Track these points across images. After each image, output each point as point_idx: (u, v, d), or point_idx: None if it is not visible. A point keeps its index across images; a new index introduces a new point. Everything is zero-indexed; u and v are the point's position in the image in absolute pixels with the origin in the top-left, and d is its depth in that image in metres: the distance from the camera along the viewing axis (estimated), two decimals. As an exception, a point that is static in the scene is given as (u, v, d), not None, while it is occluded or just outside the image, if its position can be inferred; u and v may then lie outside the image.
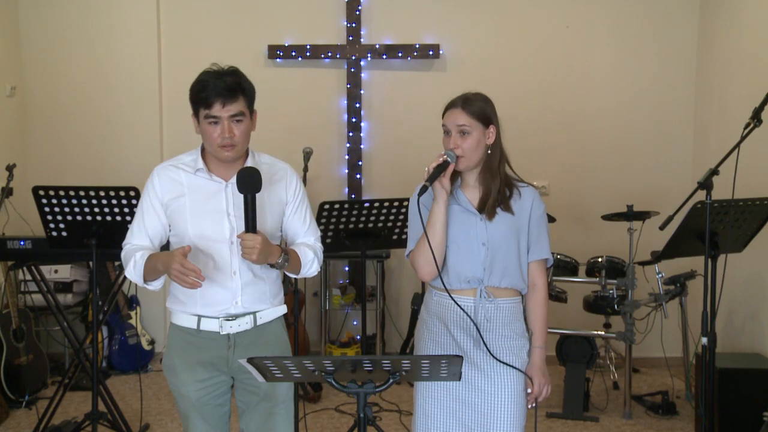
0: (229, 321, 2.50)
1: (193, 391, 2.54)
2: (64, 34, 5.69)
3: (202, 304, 2.50)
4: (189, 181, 2.50)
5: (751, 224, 3.60)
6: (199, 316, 2.51)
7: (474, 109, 2.50)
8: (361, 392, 2.03)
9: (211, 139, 2.42)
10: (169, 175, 2.52)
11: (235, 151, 2.44)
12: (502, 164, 2.55)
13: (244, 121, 2.44)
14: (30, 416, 4.53)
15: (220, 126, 2.40)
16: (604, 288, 4.84)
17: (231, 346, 2.52)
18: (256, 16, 5.74)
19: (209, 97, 2.38)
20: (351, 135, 5.75)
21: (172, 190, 2.50)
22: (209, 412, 2.58)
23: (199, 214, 2.48)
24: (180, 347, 2.56)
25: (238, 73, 2.45)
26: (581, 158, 5.77)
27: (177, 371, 2.56)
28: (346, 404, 4.80)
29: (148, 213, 2.52)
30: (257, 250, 2.33)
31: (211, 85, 2.38)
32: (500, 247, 2.51)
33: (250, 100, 2.47)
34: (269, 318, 2.57)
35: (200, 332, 2.52)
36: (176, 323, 2.58)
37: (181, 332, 2.56)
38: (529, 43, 5.74)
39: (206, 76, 2.41)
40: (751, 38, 4.88)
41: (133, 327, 5.51)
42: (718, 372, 3.95)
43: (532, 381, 2.56)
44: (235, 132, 2.41)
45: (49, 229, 3.59)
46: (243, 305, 2.50)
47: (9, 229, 4.96)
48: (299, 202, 2.61)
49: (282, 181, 2.57)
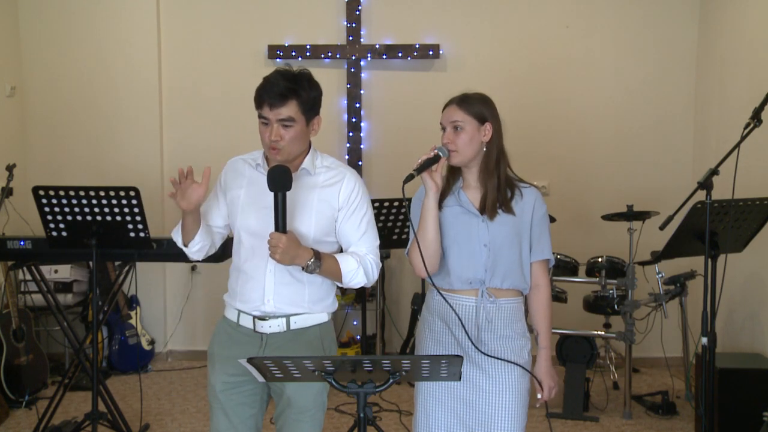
0: (261, 321, 2.49)
1: (218, 383, 2.53)
2: (64, 33, 5.69)
3: (241, 299, 2.52)
4: (250, 175, 2.54)
5: (751, 224, 3.60)
6: (239, 311, 2.53)
7: (469, 106, 2.51)
8: (361, 392, 2.03)
9: (263, 139, 2.46)
10: (236, 167, 2.59)
11: (282, 154, 2.43)
12: (501, 164, 2.55)
13: (294, 126, 2.41)
14: (30, 416, 4.53)
15: (269, 127, 2.42)
16: (604, 288, 4.84)
17: (262, 346, 2.50)
18: (256, 16, 5.74)
19: (261, 98, 2.41)
20: (351, 135, 5.75)
21: (235, 181, 2.56)
22: (232, 409, 2.54)
23: (249, 207, 2.51)
24: (222, 338, 2.58)
25: (299, 78, 2.42)
26: (581, 158, 5.78)
27: (213, 360, 2.58)
28: (346, 404, 4.80)
29: (213, 199, 2.62)
30: (280, 249, 2.31)
31: (268, 86, 2.40)
32: (502, 248, 2.51)
33: (306, 106, 2.42)
34: (305, 324, 2.51)
35: (239, 327, 2.53)
36: (225, 315, 2.60)
37: (225, 324, 2.59)
38: (529, 43, 5.74)
39: (271, 75, 2.43)
40: (752, 38, 4.88)
41: (133, 327, 5.51)
42: (718, 372, 3.95)
43: (540, 384, 2.56)
44: (283, 136, 2.41)
45: (49, 229, 3.59)
46: (275, 305, 2.48)
47: (9, 229, 4.96)
48: (354, 209, 2.51)
49: (336, 186, 2.51)
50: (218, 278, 2.78)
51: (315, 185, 2.50)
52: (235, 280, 2.56)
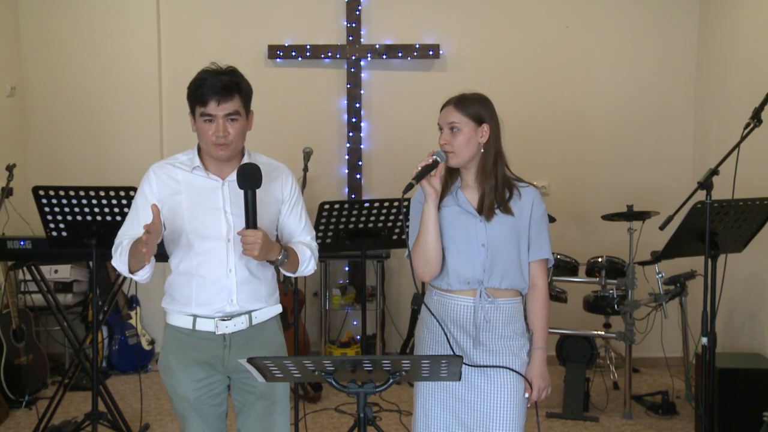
0: (224, 321, 2.50)
1: (190, 390, 2.54)
2: (64, 33, 5.69)
3: (197, 303, 2.50)
4: (186, 179, 2.50)
5: (751, 224, 3.60)
6: (194, 316, 2.51)
7: (467, 107, 2.51)
8: (361, 392, 2.03)
9: (206, 137, 2.43)
10: (166, 173, 2.52)
11: (229, 150, 2.45)
12: (498, 165, 2.54)
13: (239, 120, 2.44)
14: (30, 416, 4.53)
15: (215, 124, 2.41)
16: (604, 288, 4.84)
17: (227, 345, 2.52)
18: (256, 16, 5.74)
19: (205, 95, 2.38)
20: (351, 135, 5.75)
21: (169, 188, 2.50)
22: (206, 411, 2.58)
23: (195, 211, 2.49)
24: (176, 347, 2.56)
25: (235, 73, 2.46)
26: (581, 158, 5.78)
27: (173, 371, 2.55)
28: (346, 404, 4.80)
29: (144, 209, 2.49)
30: (259, 245, 2.34)
31: (208, 83, 2.39)
32: (500, 248, 2.51)
33: (246, 100, 2.47)
34: (264, 317, 2.57)
35: (195, 332, 2.52)
36: (171, 323, 2.58)
37: (176, 332, 2.56)
38: (529, 43, 5.74)
39: (204, 74, 2.42)
40: (752, 38, 4.88)
41: (133, 327, 5.51)
42: (718, 372, 3.95)
43: (530, 385, 2.56)
44: (230, 131, 2.42)
45: (49, 229, 3.59)
46: (239, 304, 2.50)
47: (9, 229, 4.96)
48: (295, 202, 2.62)
49: (278, 180, 2.58)
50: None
51: None
52: (186, 286, 2.52)
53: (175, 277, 2.56)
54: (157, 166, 2.55)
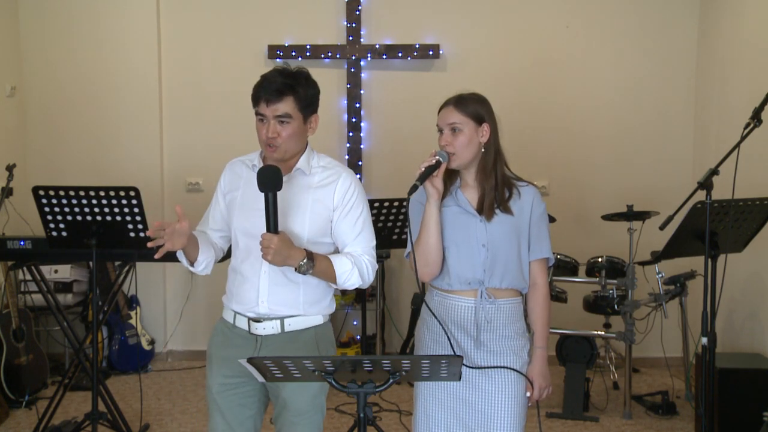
0: (256, 322, 2.49)
1: (215, 384, 2.53)
2: (64, 33, 5.69)
3: (236, 300, 2.52)
4: (246, 177, 2.53)
5: (751, 224, 3.60)
6: (234, 312, 2.53)
7: (466, 107, 2.50)
8: (361, 392, 2.03)
9: (259, 136, 2.46)
10: (234, 169, 2.59)
11: (279, 151, 2.43)
12: (498, 164, 2.54)
13: (291, 123, 2.41)
14: (30, 416, 4.53)
15: (266, 124, 2.42)
16: (604, 288, 4.84)
17: (257, 348, 2.49)
18: (256, 16, 5.74)
19: (258, 94, 2.41)
20: (351, 135, 5.75)
21: (233, 183, 2.57)
22: (230, 410, 2.53)
23: (245, 208, 2.51)
24: (218, 339, 2.58)
25: (297, 75, 2.43)
26: (581, 158, 5.78)
27: (210, 361, 2.58)
28: (346, 404, 4.80)
29: (215, 202, 2.62)
30: (272, 250, 2.30)
31: (266, 83, 2.41)
32: (500, 248, 2.51)
33: (303, 103, 2.42)
34: (300, 326, 2.50)
35: (235, 328, 2.53)
36: (222, 316, 2.61)
37: (223, 325, 2.59)
38: (529, 43, 5.74)
39: (269, 72, 2.44)
40: (752, 38, 4.88)
41: (133, 327, 5.51)
42: (718, 372, 3.95)
43: (531, 384, 2.56)
44: (280, 132, 2.41)
45: (49, 229, 3.59)
46: (269, 307, 2.47)
47: (9, 229, 4.96)
48: (350, 209, 2.49)
49: (331, 186, 2.49)
50: (218, 278, 2.77)
51: (310, 185, 2.49)
52: (232, 282, 2.56)
53: (229, 272, 2.60)
54: (232, 161, 2.62)
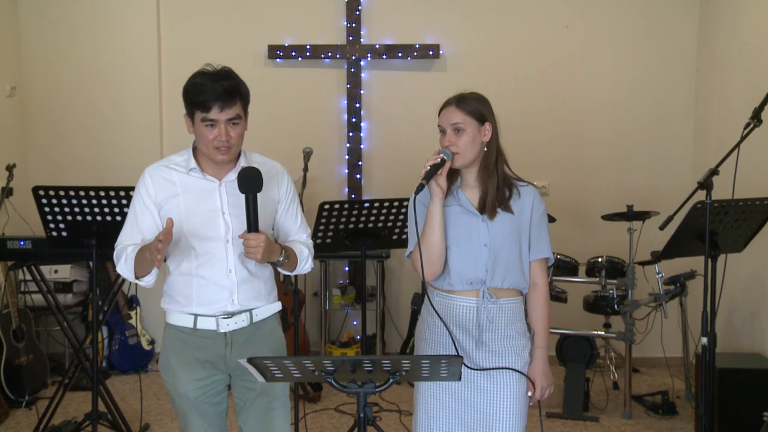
0: (225, 319, 2.51)
1: (191, 390, 2.55)
2: (64, 33, 5.68)
3: (199, 303, 2.51)
4: (182, 181, 2.50)
5: (751, 224, 3.60)
6: (195, 315, 2.52)
7: (468, 106, 2.50)
8: (361, 392, 2.03)
9: (207, 141, 2.43)
10: (162, 176, 2.51)
11: (231, 153, 2.46)
12: (499, 163, 2.54)
13: (240, 123, 2.45)
14: (30, 416, 4.53)
15: (216, 129, 2.41)
16: (604, 288, 4.84)
17: (228, 343, 2.53)
18: (256, 16, 5.74)
19: (207, 101, 2.37)
20: (351, 135, 5.75)
21: (166, 190, 2.50)
22: (207, 410, 2.59)
23: (193, 213, 2.49)
24: (176, 347, 2.56)
25: (233, 76, 2.44)
26: (581, 158, 5.77)
27: (174, 371, 2.56)
28: (346, 404, 4.80)
29: (141, 213, 2.51)
30: (261, 249, 2.36)
31: (209, 88, 2.37)
32: (502, 247, 2.51)
33: (245, 103, 2.48)
34: (265, 315, 2.60)
35: (197, 331, 2.53)
36: (172, 323, 2.58)
37: (177, 331, 2.56)
38: (530, 43, 5.74)
39: (202, 78, 2.39)
40: (752, 38, 4.88)
41: (133, 327, 5.51)
42: (718, 372, 3.95)
43: (533, 384, 2.56)
44: (232, 135, 2.43)
45: (49, 229, 3.59)
46: (239, 303, 2.52)
47: (9, 229, 4.96)
48: (291, 200, 2.65)
49: (274, 180, 2.59)
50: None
51: None
52: (187, 286, 2.53)
53: (175, 278, 2.56)
54: (151, 168, 2.54)
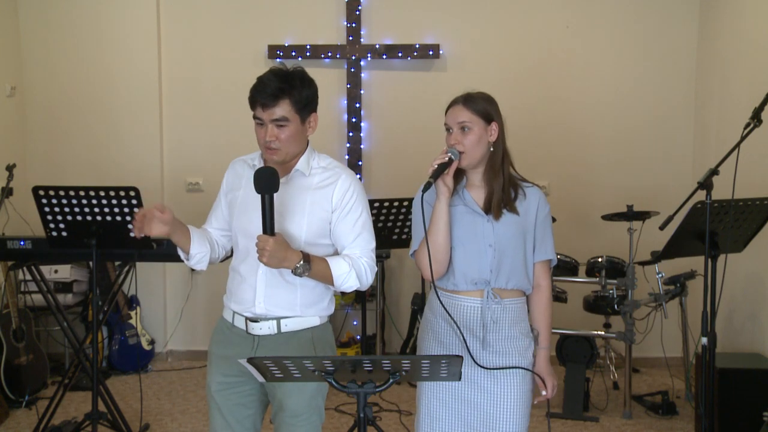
0: (253, 322, 2.49)
1: (213, 382, 2.54)
2: (64, 33, 5.69)
3: (235, 300, 2.53)
4: (248, 176, 2.50)
5: (751, 224, 3.60)
6: (233, 311, 2.54)
7: (475, 105, 2.49)
8: (361, 392, 2.03)
9: (259, 139, 2.45)
10: (236, 169, 2.60)
11: (279, 154, 2.42)
12: (505, 163, 2.54)
13: (289, 125, 2.40)
14: (30, 416, 4.53)
15: (264, 128, 2.41)
16: (604, 288, 4.84)
17: (255, 348, 2.49)
18: (256, 16, 5.74)
19: (254, 99, 2.40)
20: (351, 135, 5.75)
21: (234, 183, 2.57)
22: (228, 409, 2.53)
23: (244, 208, 2.50)
24: (218, 337, 2.59)
25: (291, 77, 2.40)
26: (581, 158, 5.77)
27: (210, 360, 2.59)
28: (346, 404, 4.80)
29: (217, 201, 2.65)
30: (267, 252, 2.29)
31: (260, 86, 2.39)
32: (507, 248, 2.51)
33: (300, 105, 2.40)
34: (296, 327, 2.48)
35: (234, 327, 2.54)
36: (222, 315, 2.61)
37: (222, 324, 2.59)
38: (529, 43, 5.74)
39: (264, 75, 2.42)
40: (752, 38, 4.88)
41: (133, 327, 5.51)
42: (718, 372, 3.95)
43: (544, 382, 2.56)
44: (278, 135, 2.40)
45: (49, 229, 3.59)
46: (265, 307, 2.46)
47: (9, 229, 4.96)
48: (349, 211, 2.47)
49: (330, 187, 2.47)
50: (218, 278, 2.78)
51: (309, 187, 2.48)
52: (231, 281, 2.56)
53: (229, 271, 2.60)
54: (235, 160, 2.62)
